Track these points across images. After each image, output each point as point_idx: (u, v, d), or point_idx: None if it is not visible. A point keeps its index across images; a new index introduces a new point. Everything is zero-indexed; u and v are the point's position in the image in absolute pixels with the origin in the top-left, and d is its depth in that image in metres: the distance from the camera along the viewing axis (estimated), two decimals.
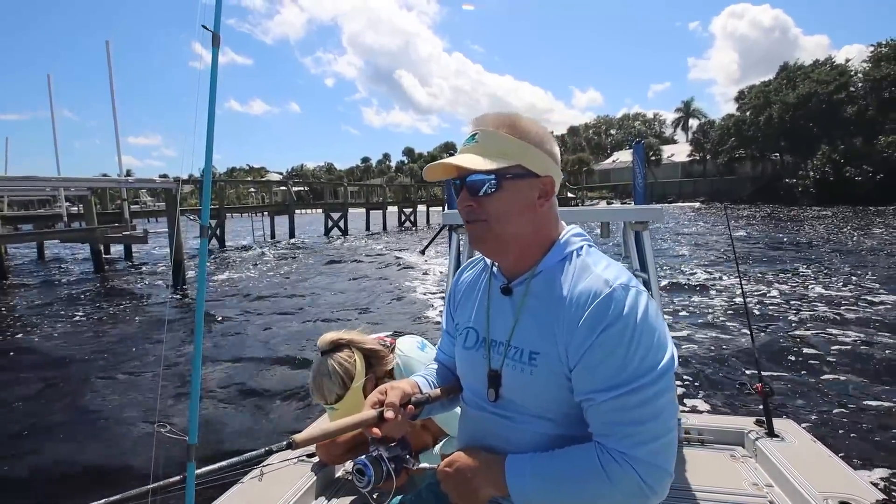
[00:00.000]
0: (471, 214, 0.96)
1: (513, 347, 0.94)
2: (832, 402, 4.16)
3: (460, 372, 1.09)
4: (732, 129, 53.22)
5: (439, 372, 1.19)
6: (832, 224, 24.10)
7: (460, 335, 1.08)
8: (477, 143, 0.95)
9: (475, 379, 1.02)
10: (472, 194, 0.95)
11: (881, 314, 7.03)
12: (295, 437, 1.00)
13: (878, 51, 43.60)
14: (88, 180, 15.17)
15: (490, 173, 0.92)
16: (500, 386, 0.96)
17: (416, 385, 1.09)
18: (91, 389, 4.93)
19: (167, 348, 5.93)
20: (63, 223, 18.35)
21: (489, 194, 0.93)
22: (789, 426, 2.09)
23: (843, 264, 11.70)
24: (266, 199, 32.55)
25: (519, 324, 0.95)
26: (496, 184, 0.93)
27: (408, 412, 0.99)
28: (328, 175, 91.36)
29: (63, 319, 8.38)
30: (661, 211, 2.14)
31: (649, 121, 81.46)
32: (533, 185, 0.94)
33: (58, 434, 4.00)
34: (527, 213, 0.95)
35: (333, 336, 1.62)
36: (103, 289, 11.73)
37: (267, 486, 1.70)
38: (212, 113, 1.20)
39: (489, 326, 1.01)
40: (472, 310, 1.07)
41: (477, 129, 0.96)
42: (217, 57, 1.16)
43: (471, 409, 1.06)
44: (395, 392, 1.00)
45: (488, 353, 0.99)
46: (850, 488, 1.61)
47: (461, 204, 0.97)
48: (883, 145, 39.23)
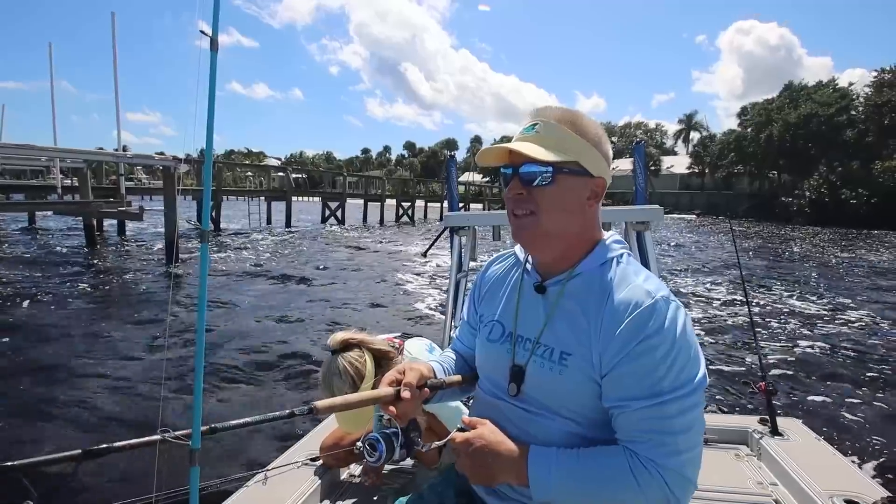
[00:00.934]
0: (519, 204, 0.94)
1: (542, 345, 0.94)
2: (836, 400, 4.18)
3: (480, 363, 1.09)
4: (733, 144, 53.58)
5: (455, 361, 1.20)
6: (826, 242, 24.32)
7: (485, 327, 1.07)
8: (537, 134, 0.93)
9: (496, 372, 1.02)
10: (524, 183, 0.93)
11: (884, 314, 7.08)
12: (316, 403, 1.00)
13: (882, 76, 43.98)
14: (85, 152, 14.92)
15: (547, 165, 0.91)
16: (522, 381, 0.96)
17: (433, 369, 1.10)
18: (88, 389, 4.71)
19: (167, 346, 5.81)
20: (56, 195, 18.09)
21: (542, 186, 0.92)
22: (793, 425, 2.10)
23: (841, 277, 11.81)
24: (264, 184, 32.32)
25: (551, 323, 0.94)
26: (551, 176, 0.91)
27: (423, 394, 1.01)
28: (327, 164, 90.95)
29: (55, 303, 8.19)
30: (661, 211, 2.15)
31: (651, 130, 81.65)
32: (586, 185, 0.94)
33: (57, 437, 3.82)
34: (576, 211, 0.94)
35: (344, 335, 1.60)
36: (96, 267, 11.54)
37: (272, 489, 1.67)
38: (211, 114, 1.20)
39: (517, 322, 1.00)
40: (500, 304, 1.06)
41: (538, 120, 0.95)
42: (216, 62, 1.16)
43: (487, 396, 1.05)
44: (413, 373, 1.01)
45: (513, 348, 0.99)
46: (856, 486, 1.60)
47: (511, 192, 0.94)
48: (879, 170, 39.63)
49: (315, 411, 1.00)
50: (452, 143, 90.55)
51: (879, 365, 4.93)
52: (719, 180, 56.06)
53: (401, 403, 0.97)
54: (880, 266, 15.06)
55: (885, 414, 3.86)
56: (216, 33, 1.16)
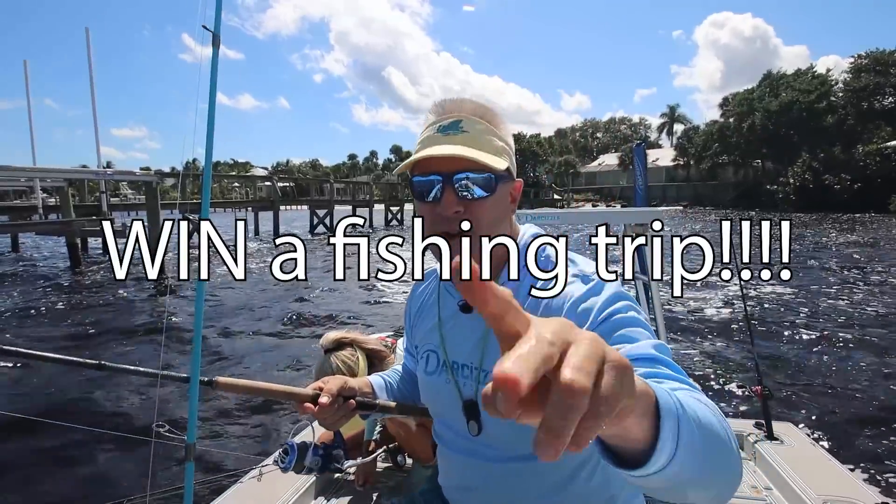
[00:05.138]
0: (454, 224, 0.78)
1: (487, 371, 0.82)
2: (832, 405, 4.17)
3: (427, 402, 0.98)
4: (716, 135, 54.11)
5: (402, 378, 1.10)
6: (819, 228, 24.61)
7: (421, 359, 0.96)
8: (466, 135, 0.79)
9: (448, 412, 0.90)
10: (461, 197, 0.77)
11: (880, 318, 7.12)
12: (218, 378, 0.95)
13: (859, 62, 44.68)
14: (65, 171, 14.70)
15: (487, 171, 0.77)
16: (479, 416, 0.84)
17: (370, 385, 1.01)
18: (83, 389, 4.69)
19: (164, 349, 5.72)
20: (39, 215, 17.77)
21: (481, 198, 0.78)
22: (789, 429, 2.10)
23: (840, 268, 11.90)
24: (250, 195, 32.08)
25: (490, 344, 0.82)
26: (493, 186, 0.79)
27: (346, 406, 0.92)
28: (314, 171, 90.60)
29: (42, 316, 8.06)
30: (661, 212, 2.13)
31: (635, 125, 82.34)
32: (508, 190, 0.83)
33: (45, 433, 3.75)
34: (507, 221, 0.84)
35: (336, 335, 1.62)
36: (80, 285, 11.36)
37: (266, 486, 1.65)
38: (211, 117, 1.16)
39: (446, 348, 0.89)
40: (429, 331, 0.95)
41: (460, 116, 0.80)
42: (217, 58, 1.14)
43: (451, 451, 0.93)
44: (336, 381, 0.92)
45: (454, 379, 0.87)
46: (850, 491, 1.61)
47: (446, 209, 0.77)
48: (861, 155, 40.21)
49: (214, 385, 0.95)
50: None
51: (876, 371, 4.95)
52: (704, 171, 56.54)
53: (319, 409, 0.89)
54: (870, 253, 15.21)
55: (881, 419, 3.87)
56: (218, 29, 1.12)
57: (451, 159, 0.77)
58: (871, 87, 42.66)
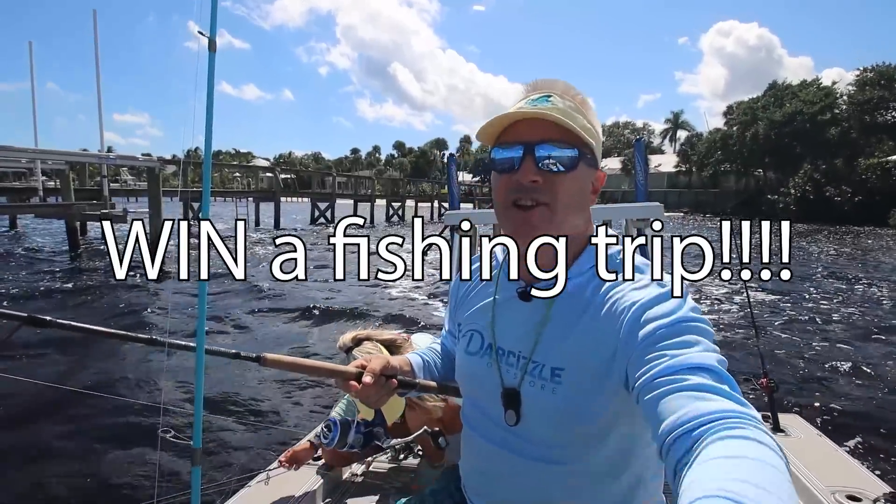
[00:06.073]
0: (530, 194, 0.75)
1: (535, 363, 0.80)
2: (838, 396, 4.19)
3: (462, 381, 0.96)
4: (719, 143, 54.09)
5: (441, 355, 1.09)
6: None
7: (463, 337, 0.95)
8: (555, 107, 0.76)
9: (484, 397, 0.88)
10: (541, 167, 0.75)
11: (885, 310, 7.13)
12: (265, 354, 0.97)
13: (864, 75, 44.68)
14: (66, 154, 14.63)
15: (572, 146, 0.75)
16: (519, 406, 0.81)
17: (409, 363, 1.02)
18: (86, 391, 4.61)
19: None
20: (38, 197, 17.71)
21: (561, 172, 0.75)
22: (795, 421, 2.09)
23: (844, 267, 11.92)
24: (252, 185, 31.99)
25: (544, 336, 0.80)
26: (575, 162, 0.76)
27: (389, 385, 0.92)
28: (316, 164, 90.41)
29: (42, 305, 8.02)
30: (661, 208, 2.11)
31: (638, 129, 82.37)
32: (591, 177, 0.81)
33: (53, 441, 3.69)
34: (584, 208, 0.82)
35: (352, 334, 1.64)
36: (79, 272, 11.30)
37: (274, 489, 1.66)
38: (210, 115, 1.15)
39: (495, 333, 0.87)
40: (478, 311, 0.94)
41: (550, 92, 0.78)
42: (213, 63, 1.13)
43: (479, 436, 0.90)
44: (379, 360, 0.92)
45: (497, 365, 0.85)
46: (857, 482, 1.61)
47: (523, 177, 0.75)
48: (862, 168, 40.24)
49: (262, 361, 0.97)
50: (442, 142, 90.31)
51: (881, 360, 4.95)
52: (706, 178, 56.55)
53: (362, 388, 0.88)
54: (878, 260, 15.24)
55: (886, 409, 3.88)
56: (214, 34, 1.11)
57: (536, 129, 0.75)
58: (876, 100, 42.67)
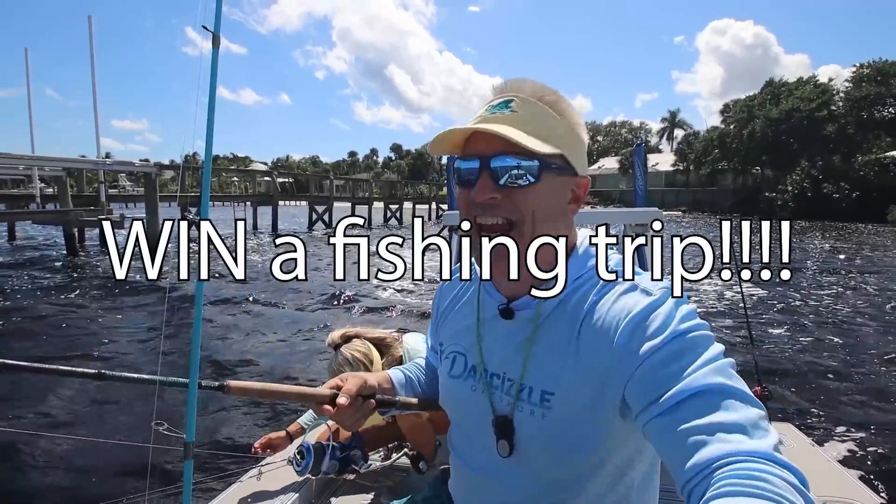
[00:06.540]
0: (490, 211, 0.70)
1: (525, 387, 0.73)
2: (831, 405, 4.19)
3: (446, 406, 0.89)
4: (716, 141, 54.16)
5: (427, 374, 1.03)
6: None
7: (446, 359, 0.87)
8: (514, 114, 0.70)
9: (470, 421, 0.81)
10: (498, 183, 0.69)
11: (880, 321, 7.13)
12: (229, 382, 0.87)
13: (860, 71, 44.78)
14: (63, 160, 14.64)
15: (531, 157, 0.68)
16: (513, 435, 0.74)
17: (390, 380, 0.94)
18: (80, 385, 4.62)
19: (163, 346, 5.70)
20: (36, 204, 17.70)
21: (523, 186, 0.69)
22: (788, 430, 2.10)
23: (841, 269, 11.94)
24: (249, 189, 32.03)
25: (531, 357, 0.73)
26: (537, 173, 0.69)
27: (366, 405, 0.85)
28: (314, 168, 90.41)
29: (38, 308, 8.02)
30: (661, 213, 2.11)
31: (636, 129, 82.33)
32: (568, 185, 0.73)
33: (44, 433, 3.72)
34: (560, 219, 0.74)
35: (341, 331, 1.64)
36: (78, 274, 11.31)
37: (265, 485, 1.67)
38: (211, 118, 1.14)
39: (482, 354, 0.80)
40: (460, 330, 0.86)
41: (513, 96, 0.71)
42: (217, 58, 1.12)
43: (465, 466, 0.84)
44: (355, 380, 0.84)
45: (486, 389, 0.78)
46: (849, 493, 1.60)
47: (479, 195, 0.69)
48: (860, 164, 40.31)
49: (226, 389, 0.85)
50: None
51: (875, 371, 4.96)
52: (704, 177, 56.60)
53: (337, 411, 0.81)
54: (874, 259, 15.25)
55: (879, 420, 3.88)
56: (218, 29, 1.10)
57: (493, 139, 0.68)
58: (872, 96, 42.77)
